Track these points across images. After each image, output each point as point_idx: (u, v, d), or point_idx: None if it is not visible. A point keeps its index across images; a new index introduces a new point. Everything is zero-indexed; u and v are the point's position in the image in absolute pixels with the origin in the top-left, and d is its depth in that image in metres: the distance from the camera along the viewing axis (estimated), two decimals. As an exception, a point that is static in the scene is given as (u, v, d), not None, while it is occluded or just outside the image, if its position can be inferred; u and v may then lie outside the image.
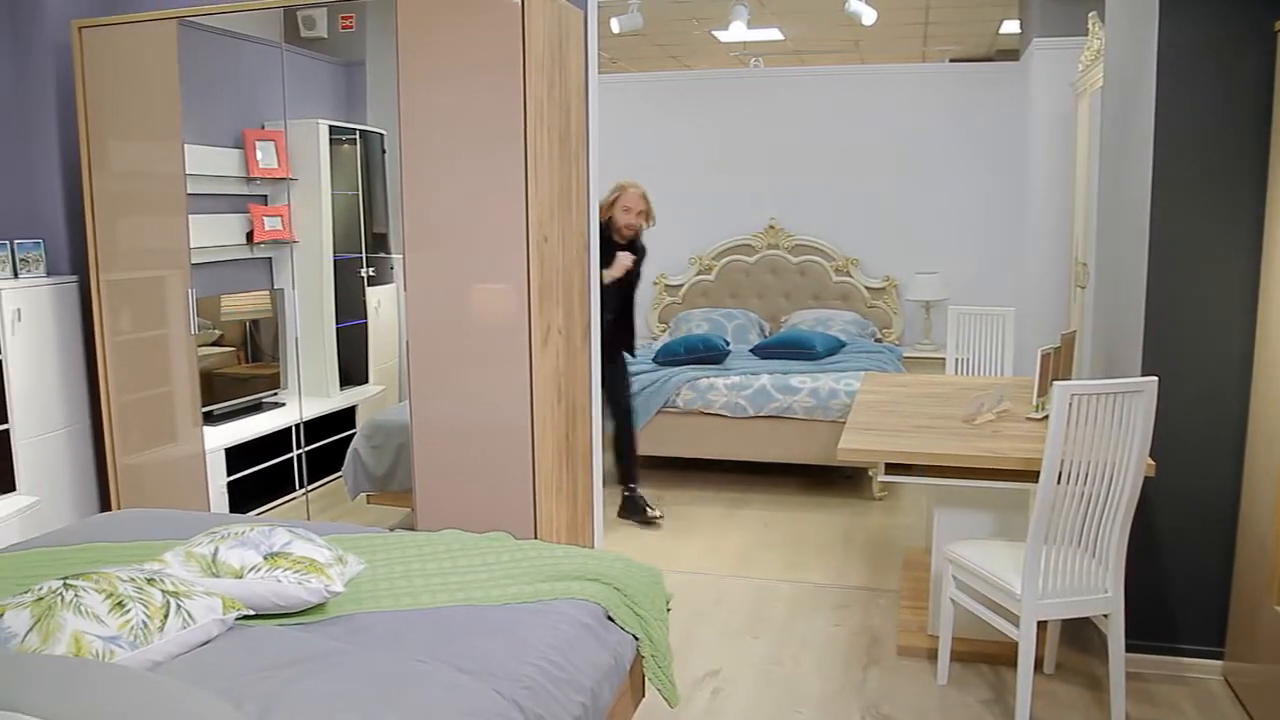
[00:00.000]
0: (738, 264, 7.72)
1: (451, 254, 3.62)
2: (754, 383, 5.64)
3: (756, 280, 7.69)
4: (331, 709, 1.88)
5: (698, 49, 8.94)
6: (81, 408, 4.44)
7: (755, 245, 7.70)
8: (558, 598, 2.53)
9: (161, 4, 4.26)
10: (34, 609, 2.01)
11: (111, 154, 4.17)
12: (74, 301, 4.38)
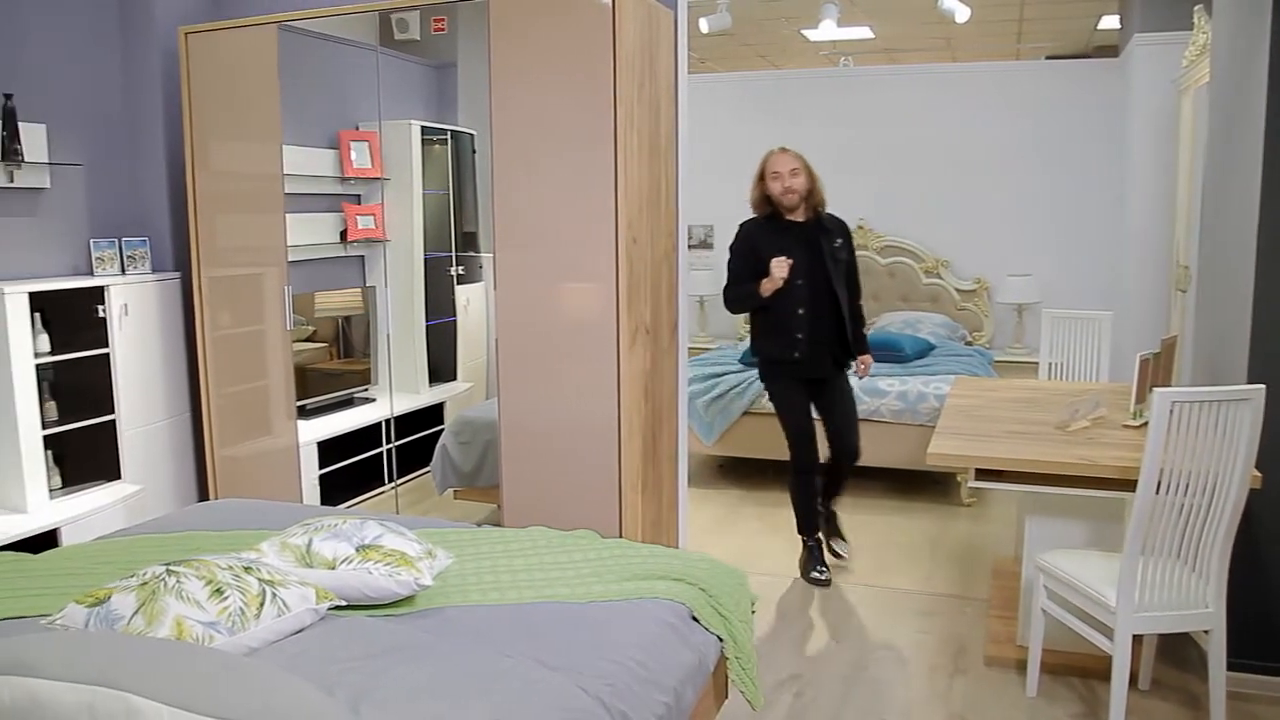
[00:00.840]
0: (825, 265, 7.65)
1: (541, 253, 3.65)
2: (842, 384, 5.58)
3: (842, 281, 7.60)
4: (420, 700, 1.91)
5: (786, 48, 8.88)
6: (182, 400, 4.58)
7: (843, 246, 7.62)
8: (643, 597, 2.53)
9: (263, 9, 4.38)
10: (139, 593, 2.08)
11: (213, 155, 4.30)
12: (176, 297, 4.53)
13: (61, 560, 2.88)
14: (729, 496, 5.65)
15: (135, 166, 4.65)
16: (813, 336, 4.23)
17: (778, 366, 4.36)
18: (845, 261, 4.33)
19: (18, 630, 2.24)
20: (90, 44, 4.48)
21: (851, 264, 4.41)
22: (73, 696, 1.41)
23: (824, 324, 4.25)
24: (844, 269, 4.31)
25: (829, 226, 4.30)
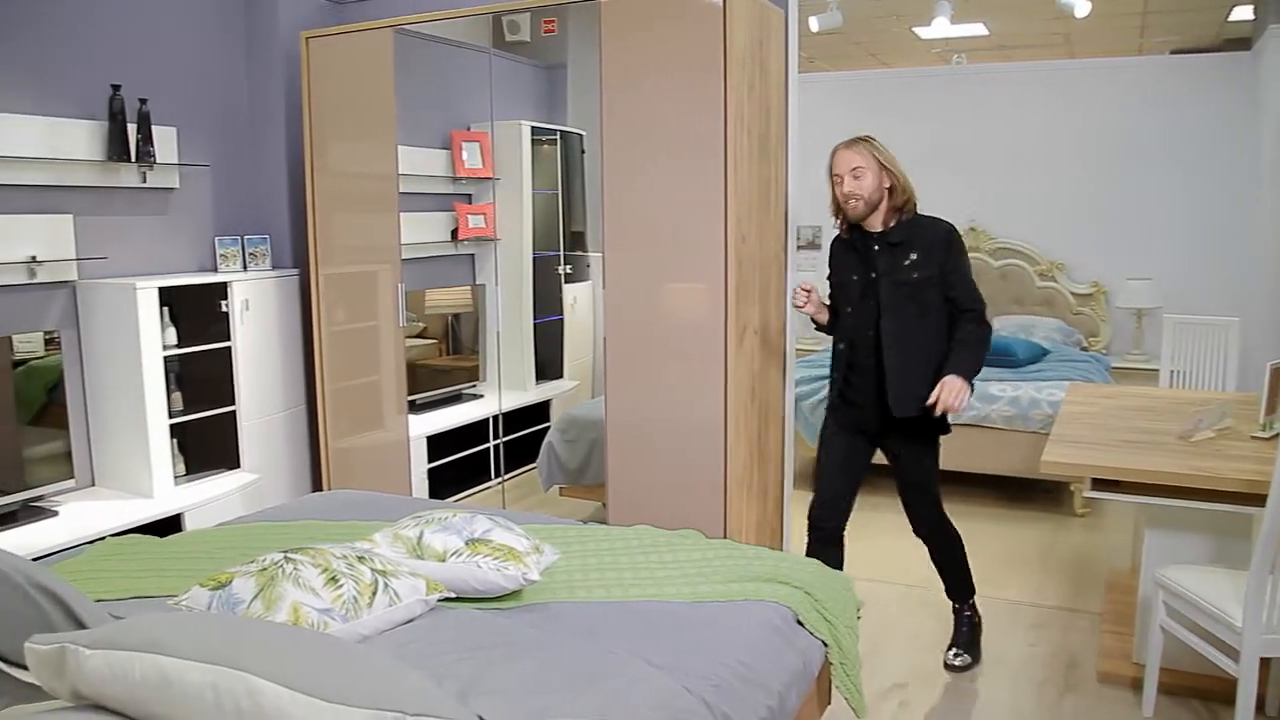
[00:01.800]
0: (934, 267, 7.51)
1: (649, 252, 3.67)
2: (950, 387, 5.47)
3: (954, 283, 7.45)
4: (526, 692, 1.94)
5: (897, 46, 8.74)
6: (299, 393, 4.73)
7: (952, 248, 7.47)
8: (748, 598, 2.52)
9: (380, 14, 4.49)
10: (258, 579, 2.16)
11: (331, 155, 4.42)
12: (295, 293, 4.67)
13: (186, 544, 2.99)
14: (833, 500, 5.58)
15: (258, 167, 4.82)
16: (853, 378, 3.48)
17: (828, 409, 3.66)
18: (921, 280, 3.32)
19: (146, 609, 2.34)
20: (218, 50, 4.65)
21: (945, 280, 3.35)
22: (198, 675, 1.46)
23: (869, 366, 3.41)
24: (920, 291, 3.33)
25: (901, 238, 3.36)
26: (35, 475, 3.89)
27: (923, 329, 3.35)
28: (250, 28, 4.77)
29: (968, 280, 3.38)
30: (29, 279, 3.90)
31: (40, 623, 1.81)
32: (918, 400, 3.32)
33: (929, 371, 3.32)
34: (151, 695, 1.48)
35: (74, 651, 1.54)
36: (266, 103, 4.77)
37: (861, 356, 3.43)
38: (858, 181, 3.34)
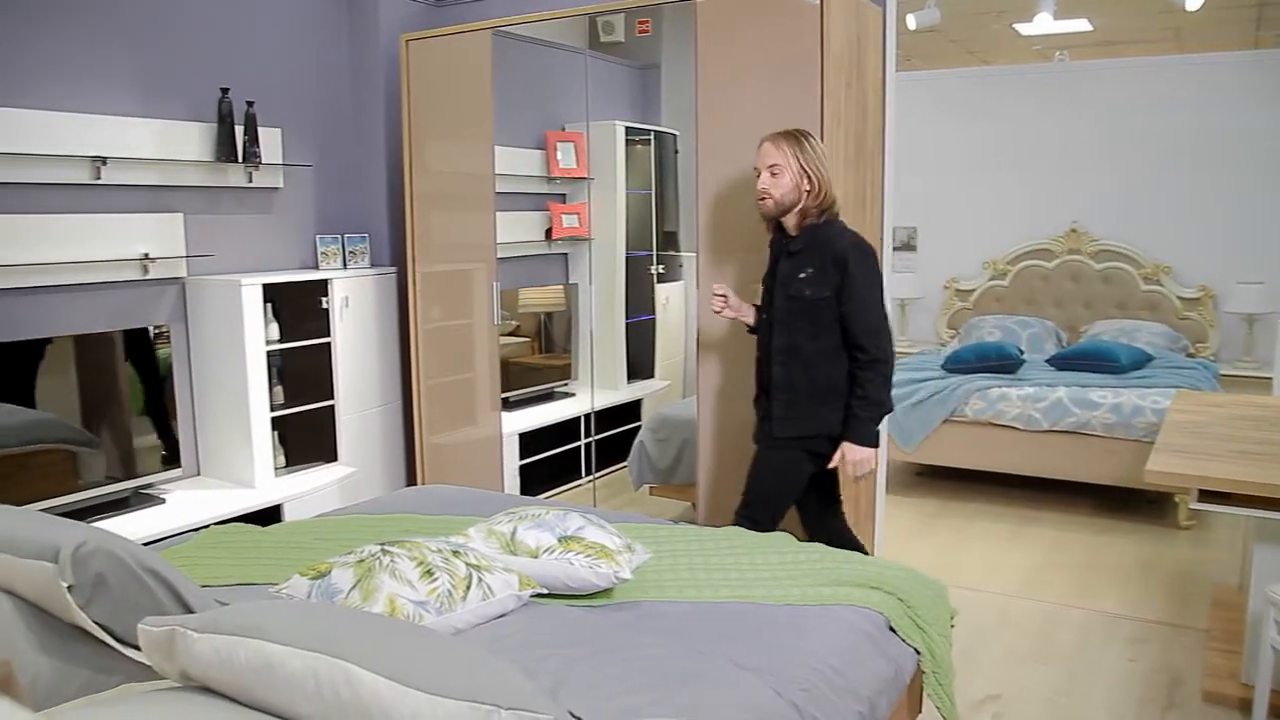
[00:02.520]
0: (1035, 269, 7.34)
1: (743, 253, 3.65)
2: (1050, 395, 5.34)
3: (1055, 287, 7.28)
4: (617, 690, 1.94)
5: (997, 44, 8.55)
6: (395, 389, 4.82)
7: (1055, 250, 7.29)
8: (840, 603, 2.50)
9: (478, 16, 4.55)
10: (356, 570, 2.20)
11: (429, 156, 4.49)
12: (392, 291, 4.76)
13: (286, 534, 3.07)
14: (926, 505, 5.50)
15: (358, 167, 4.93)
16: (762, 390, 3.28)
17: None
18: (814, 299, 3.05)
19: (249, 596, 2.41)
20: (322, 53, 4.77)
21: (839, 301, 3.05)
22: (299, 662, 1.49)
23: (765, 379, 3.23)
24: (814, 309, 3.07)
25: (800, 247, 3.11)
26: (145, 464, 4.04)
27: (815, 349, 3.11)
28: (353, 31, 4.87)
29: (864, 307, 3.05)
30: (142, 275, 4.05)
31: (151, 605, 1.88)
32: (797, 420, 3.15)
33: (814, 390, 3.13)
34: (255, 680, 1.52)
35: (183, 635, 1.59)
36: (367, 104, 4.88)
37: (765, 369, 3.23)
38: (773, 179, 3.09)
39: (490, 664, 1.56)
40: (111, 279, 3.97)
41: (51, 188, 3.76)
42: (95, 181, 3.85)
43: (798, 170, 3.07)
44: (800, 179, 3.08)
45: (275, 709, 1.52)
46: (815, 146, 3.12)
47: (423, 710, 1.41)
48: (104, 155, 3.83)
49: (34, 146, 3.65)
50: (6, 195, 3.64)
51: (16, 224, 3.65)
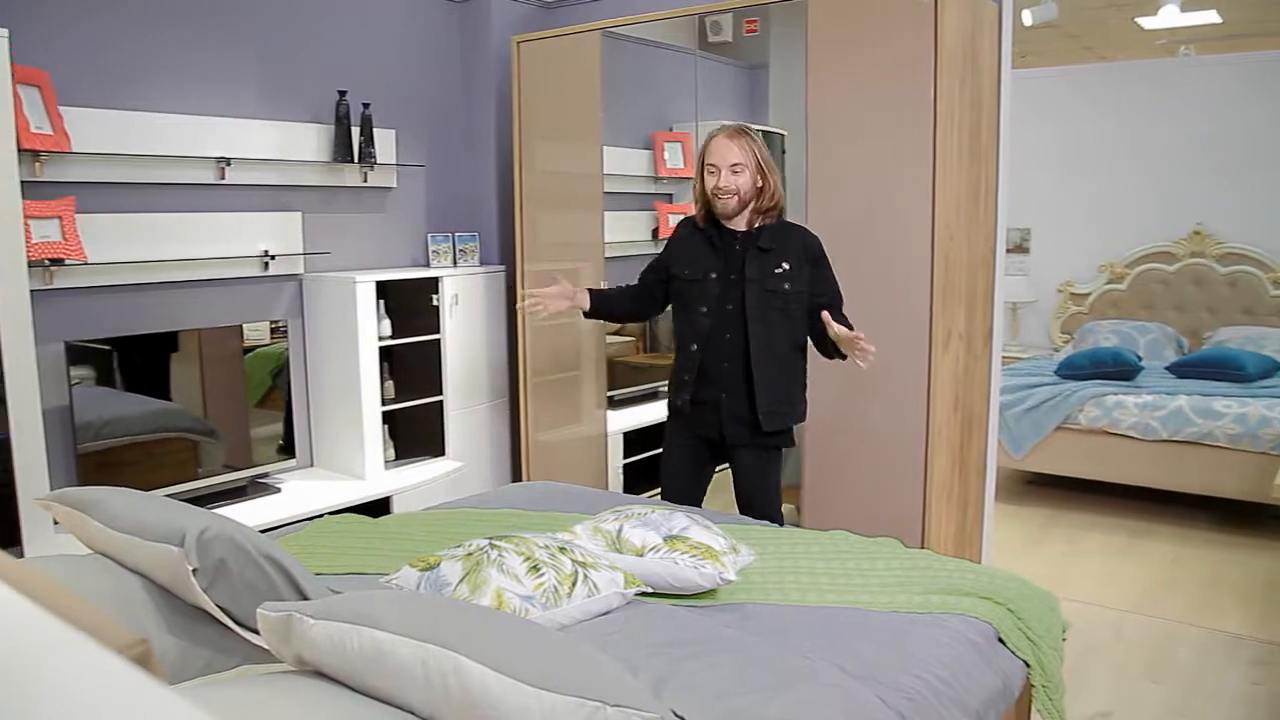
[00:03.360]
0: (1154, 273, 7.08)
1: (853, 253, 3.60)
2: (1169, 403, 5.15)
3: (1176, 291, 7.01)
4: (720, 691, 1.93)
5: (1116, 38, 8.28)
6: (502, 385, 4.89)
7: (1176, 253, 7.03)
8: (948, 611, 2.44)
9: (588, 17, 4.59)
10: (465, 563, 2.24)
11: (538, 155, 4.54)
12: (501, 289, 4.83)
13: (395, 525, 3.13)
14: (1037, 515, 5.36)
15: (469, 167, 5.01)
16: (702, 383, 3.27)
17: (669, 410, 3.44)
18: (792, 293, 3.17)
19: (359, 585, 2.46)
20: (435, 56, 4.86)
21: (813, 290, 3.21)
22: (409, 651, 1.52)
23: (724, 373, 3.22)
24: (788, 302, 3.17)
25: (771, 244, 3.18)
26: (261, 454, 4.17)
27: (789, 341, 3.23)
28: (465, 34, 4.96)
29: (835, 285, 3.27)
30: (262, 272, 4.18)
31: (269, 591, 1.94)
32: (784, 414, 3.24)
33: (791, 383, 3.26)
34: (366, 667, 1.56)
35: (299, 620, 1.63)
36: (478, 105, 4.96)
37: (715, 360, 3.23)
38: (735, 177, 3.14)
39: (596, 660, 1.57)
40: (234, 275, 4.11)
41: (180, 187, 3.91)
42: (220, 182, 4.00)
43: (755, 168, 3.16)
44: (755, 176, 3.16)
45: (385, 696, 1.55)
46: (763, 145, 3.23)
47: (529, 703, 1.42)
48: (228, 156, 3.97)
49: (165, 148, 3.80)
50: (140, 195, 3.80)
51: (149, 222, 3.81)
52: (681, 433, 3.40)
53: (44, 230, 3.47)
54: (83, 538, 2.19)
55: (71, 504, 2.16)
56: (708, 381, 3.26)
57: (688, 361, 3.30)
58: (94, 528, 2.09)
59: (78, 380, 3.60)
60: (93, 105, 3.65)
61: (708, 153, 3.20)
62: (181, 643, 1.93)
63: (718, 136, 3.19)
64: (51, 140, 3.47)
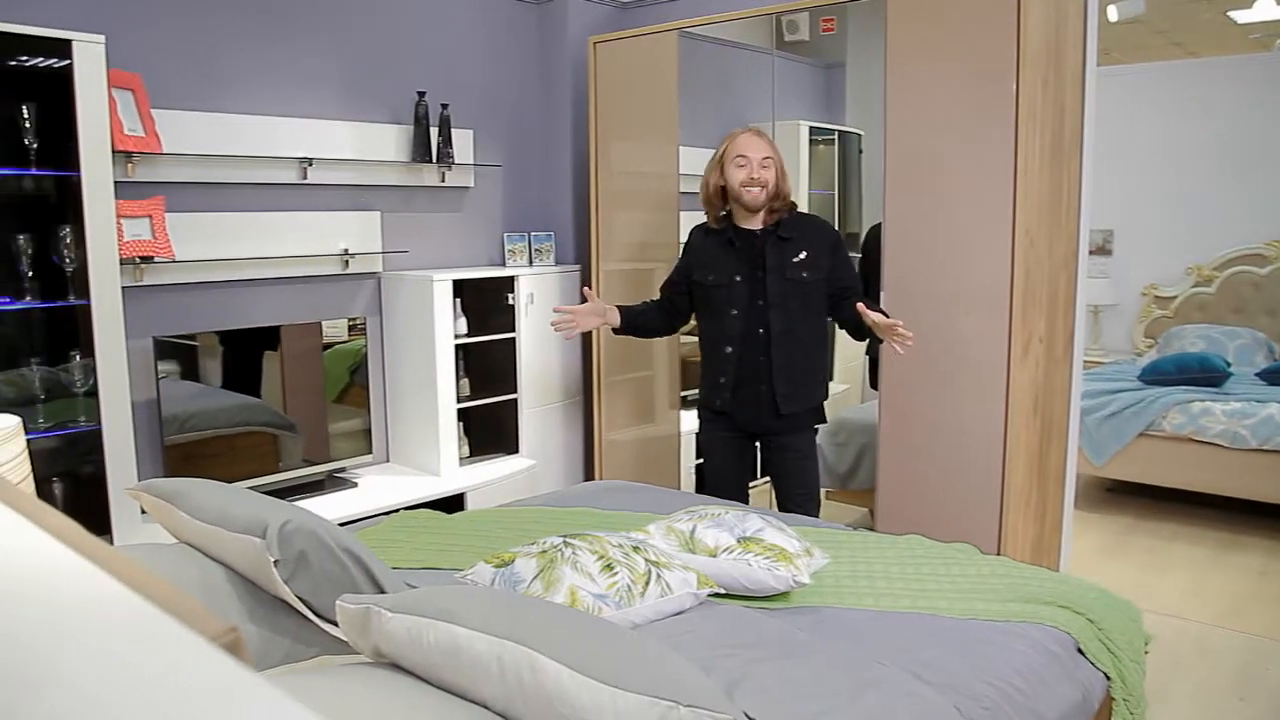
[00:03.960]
0: (1245, 276, 6.86)
1: (930, 256, 3.56)
2: (1260, 411, 4.99)
3: (1268, 295, 6.78)
4: (793, 696, 1.92)
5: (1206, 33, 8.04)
6: (575, 385, 4.91)
7: (1268, 255, 6.80)
8: (1026, 620, 2.40)
9: (664, 18, 4.59)
10: (539, 560, 2.25)
11: (614, 155, 4.56)
12: (576, 288, 4.85)
13: (469, 522, 3.17)
14: (1117, 523, 5.23)
15: (545, 167, 5.04)
16: (740, 380, 3.38)
17: (705, 412, 3.57)
18: (810, 281, 3.29)
19: (434, 580, 2.49)
20: (513, 57, 4.91)
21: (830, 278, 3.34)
22: (485, 646, 1.53)
23: (761, 366, 3.33)
24: (807, 290, 3.29)
25: (790, 234, 3.31)
26: (338, 449, 4.25)
27: (808, 327, 3.34)
28: (542, 35, 5.00)
29: (854, 271, 3.45)
30: (342, 270, 4.26)
31: (347, 583, 1.97)
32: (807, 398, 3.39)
33: (814, 368, 3.40)
34: (442, 661, 1.57)
35: (377, 613, 1.66)
36: (555, 105, 4.99)
37: (753, 357, 3.34)
38: (765, 171, 3.29)
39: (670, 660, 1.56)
40: (314, 273, 4.19)
41: (264, 187, 4.00)
42: (302, 181, 4.08)
43: (779, 165, 3.33)
44: (781, 174, 3.33)
45: (460, 690, 1.57)
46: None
47: (603, 701, 1.43)
48: (311, 157, 4.05)
49: (250, 149, 3.89)
50: (226, 194, 3.89)
51: (233, 221, 3.91)
52: (721, 432, 3.52)
53: (135, 229, 3.58)
54: (169, 527, 2.25)
55: (159, 494, 2.22)
56: (747, 379, 3.38)
57: (723, 364, 3.41)
58: (180, 518, 2.15)
59: (165, 374, 3.70)
60: (182, 108, 3.75)
61: (736, 146, 3.31)
62: (263, 632, 1.97)
63: (745, 133, 3.34)
64: (143, 142, 3.57)
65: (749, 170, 3.27)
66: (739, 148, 3.30)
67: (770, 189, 3.29)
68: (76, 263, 3.27)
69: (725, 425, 3.50)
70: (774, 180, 3.30)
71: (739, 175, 3.29)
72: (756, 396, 3.38)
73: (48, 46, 3.17)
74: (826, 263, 3.32)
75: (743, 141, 3.30)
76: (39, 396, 3.34)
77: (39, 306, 3.33)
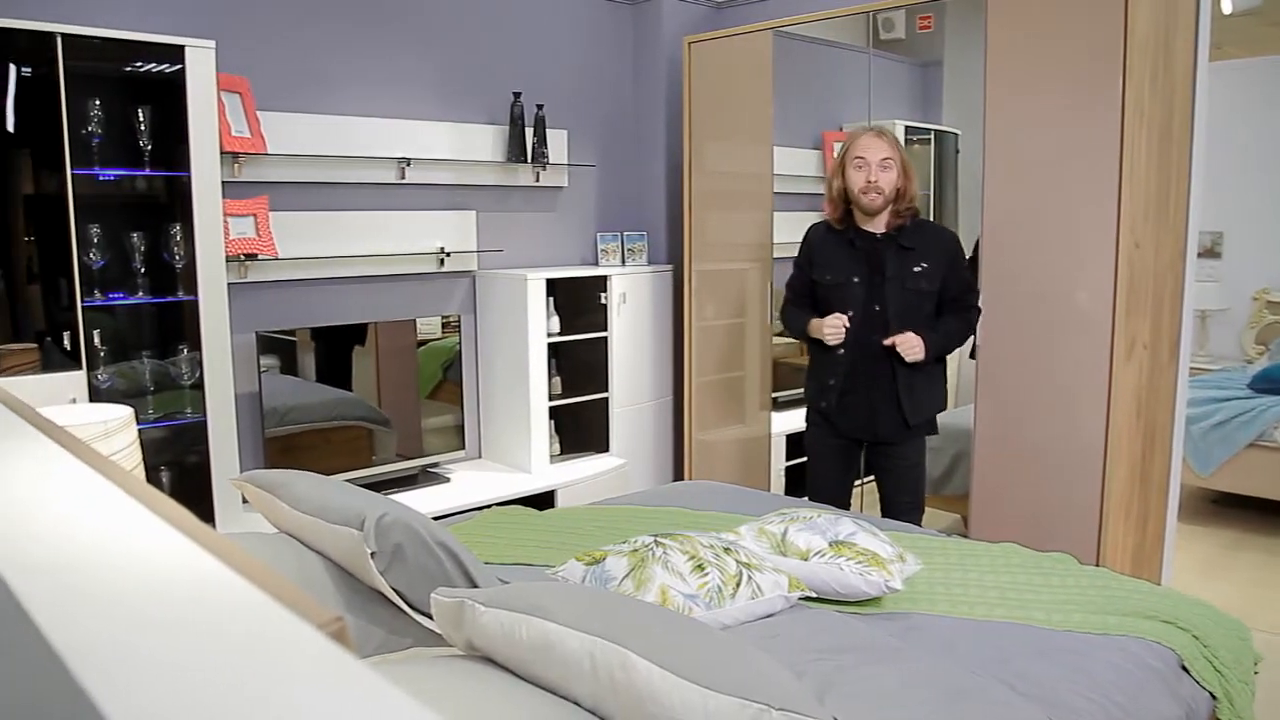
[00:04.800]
0: (1365, 280, 6.58)
1: (1030, 257, 3.48)
2: (1378, 422, 4.78)
3: (1388, 301, 6.50)
4: (884, 702, 1.89)
5: (1328, 28, 7.72)
6: (666, 384, 4.92)
7: (1389, 260, 6.52)
8: (1126, 634, 2.32)
9: (759, 17, 4.57)
10: (630, 559, 2.26)
11: (708, 155, 4.55)
12: (668, 288, 4.86)
13: (559, 519, 3.19)
14: (1222, 536, 5.04)
15: (639, 166, 5.06)
16: (851, 385, 3.33)
17: (812, 414, 3.52)
18: (928, 292, 3.25)
19: (525, 576, 2.51)
20: (607, 57, 4.93)
21: (950, 292, 3.28)
22: (577, 643, 1.54)
23: (873, 371, 3.28)
24: (925, 301, 3.25)
25: (912, 243, 3.24)
26: (431, 445, 4.32)
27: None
28: (637, 35, 5.01)
29: (965, 280, 3.35)
30: (437, 268, 4.33)
31: (441, 577, 2.00)
32: (928, 406, 3.34)
33: (932, 377, 3.33)
34: (534, 656, 1.58)
35: (471, 607, 1.68)
36: (649, 106, 5.00)
37: (864, 361, 3.29)
38: (884, 173, 3.20)
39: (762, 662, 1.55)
40: (411, 271, 4.27)
41: (363, 187, 4.09)
42: (400, 181, 4.15)
43: (900, 168, 3.23)
44: (902, 176, 3.23)
45: (551, 686, 1.58)
46: (903, 147, 3.31)
47: (694, 702, 1.42)
48: (409, 157, 4.12)
49: (350, 149, 3.98)
50: (327, 193, 3.99)
51: (334, 220, 4.00)
52: (827, 438, 3.48)
53: (240, 227, 3.69)
54: (270, 517, 2.31)
55: (262, 485, 2.28)
56: (856, 383, 3.33)
57: (834, 365, 3.35)
58: (281, 508, 2.20)
59: (266, 368, 3.80)
60: (286, 109, 3.85)
61: (856, 147, 3.25)
62: (359, 622, 2.01)
63: (867, 134, 3.27)
64: (249, 143, 3.67)
65: (867, 173, 3.21)
66: (858, 149, 3.23)
67: (889, 192, 3.22)
68: (185, 260, 3.39)
69: (831, 431, 3.46)
70: (893, 182, 3.22)
71: (858, 178, 3.23)
72: (869, 403, 3.33)
73: (162, 52, 3.29)
74: (943, 275, 3.27)
75: (862, 143, 3.24)
76: (149, 388, 3.46)
77: (150, 302, 3.45)
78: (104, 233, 3.25)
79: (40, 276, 3.30)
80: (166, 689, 0.39)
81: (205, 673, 0.41)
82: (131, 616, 0.47)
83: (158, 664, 0.42)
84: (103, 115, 3.23)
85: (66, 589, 0.49)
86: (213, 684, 0.40)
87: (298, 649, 0.45)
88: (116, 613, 0.47)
